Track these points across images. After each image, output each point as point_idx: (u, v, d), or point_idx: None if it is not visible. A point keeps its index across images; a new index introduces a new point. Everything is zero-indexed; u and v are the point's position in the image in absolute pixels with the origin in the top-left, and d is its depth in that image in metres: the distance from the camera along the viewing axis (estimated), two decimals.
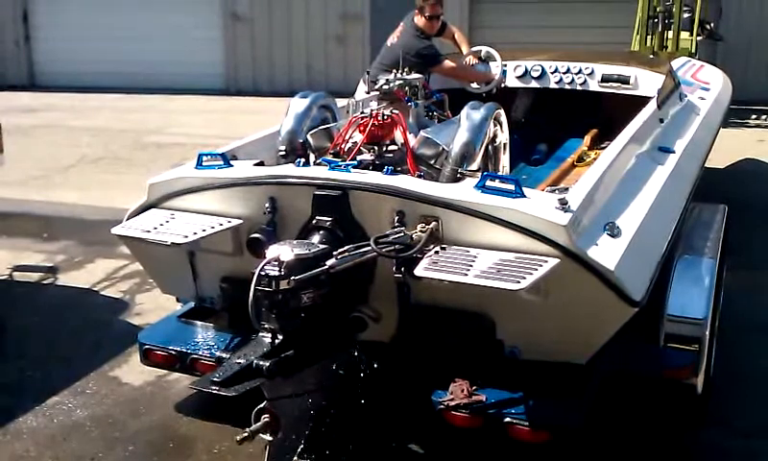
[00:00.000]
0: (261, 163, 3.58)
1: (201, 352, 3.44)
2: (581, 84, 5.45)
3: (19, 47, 17.78)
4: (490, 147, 3.70)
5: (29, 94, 16.00)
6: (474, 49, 5.51)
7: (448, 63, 5.54)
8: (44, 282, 5.63)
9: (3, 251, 5.98)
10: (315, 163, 3.49)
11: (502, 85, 5.45)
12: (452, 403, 2.97)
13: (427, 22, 5.57)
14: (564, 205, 2.81)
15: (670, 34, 10.07)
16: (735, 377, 4.02)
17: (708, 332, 3.38)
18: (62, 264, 5.96)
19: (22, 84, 17.27)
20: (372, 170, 3.29)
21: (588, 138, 5.30)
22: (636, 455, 3.46)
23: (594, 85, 5.43)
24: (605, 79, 5.39)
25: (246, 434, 2.69)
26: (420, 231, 2.88)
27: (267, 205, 3.17)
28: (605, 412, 3.28)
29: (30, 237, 6.59)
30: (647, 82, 5.16)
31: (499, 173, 3.68)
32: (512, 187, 2.90)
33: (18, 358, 4.44)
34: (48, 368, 4.28)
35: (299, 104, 4.01)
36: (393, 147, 3.57)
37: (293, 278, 2.72)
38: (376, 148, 3.53)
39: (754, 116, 11.59)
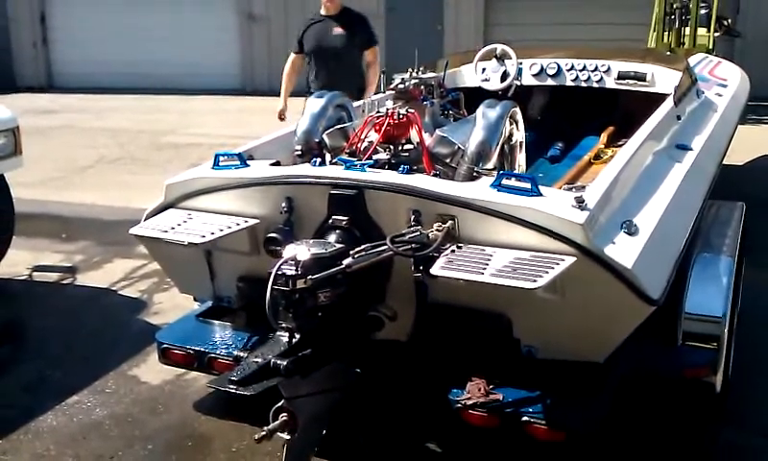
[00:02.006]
0: (277, 163, 3.59)
1: (218, 352, 3.46)
2: (597, 82, 5.43)
3: (37, 49, 17.95)
4: (506, 145, 3.69)
5: (46, 95, 16.14)
6: (489, 47, 5.49)
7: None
8: (63, 282, 5.68)
9: (22, 251, 6.03)
10: (331, 163, 3.50)
11: (517, 84, 5.43)
12: (469, 402, 2.97)
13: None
14: (580, 203, 2.80)
15: (687, 30, 10.04)
16: (755, 376, 4.00)
17: (726, 330, 3.36)
18: (81, 264, 6.00)
19: (40, 85, 17.45)
20: (388, 169, 3.30)
21: (604, 136, 5.28)
22: (654, 454, 3.44)
23: (611, 83, 5.40)
24: (621, 76, 5.36)
25: (264, 433, 2.70)
26: (437, 230, 2.88)
27: (283, 204, 3.18)
28: (623, 411, 3.27)
29: (49, 238, 6.64)
30: (664, 79, 5.13)
31: (515, 171, 3.68)
32: (528, 186, 2.89)
33: (38, 358, 4.48)
34: (67, 367, 4.32)
35: (314, 103, 4.03)
36: (408, 146, 3.58)
37: (309, 277, 2.73)
38: (392, 147, 3.53)
39: None
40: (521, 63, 5.40)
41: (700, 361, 3.28)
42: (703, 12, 10.23)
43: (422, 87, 4.27)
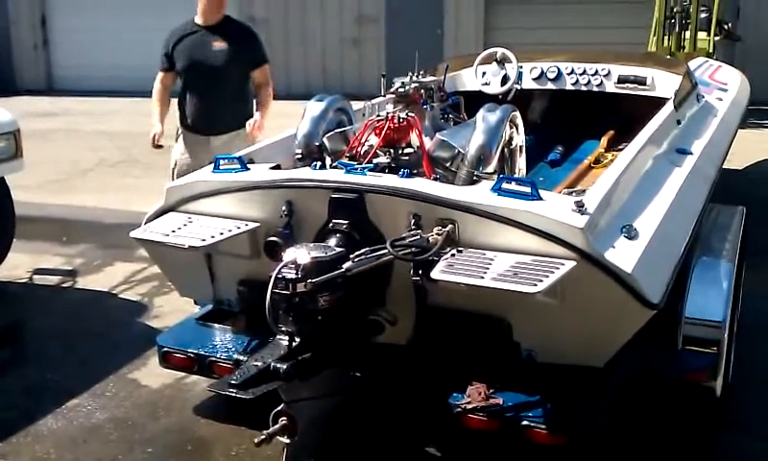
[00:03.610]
0: (278, 167, 3.60)
1: (218, 355, 3.45)
2: (597, 86, 5.43)
3: (37, 51, 17.97)
4: (506, 149, 3.70)
5: (47, 98, 16.14)
6: (490, 51, 5.50)
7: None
8: (64, 286, 5.68)
9: (23, 254, 6.03)
10: (331, 166, 3.50)
11: (518, 87, 5.44)
12: (469, 406, 2.97)
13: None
14: (580, 207, 2.80)
15: (687, 34, 10.03)
16: (755, 381, 4.00)
17: (726, 335, 3.37)
18: (81, 267, 6.01)
19: (40, 88, 17.45)
20: (388, 173, 3.30)
21: (604, 140, 5.28)
22: (654, 458, 3.44)
23: (611, 87, 5.41)
24: (621, 80, 5.37)
25: (263, 437, 2.70)
26: (437, 234, 2.88)
27: (284, 208, 3.18)
28: (623, 415, 3.27)
29: (49, 241, 6.64)
30: (664, 83, 5.13)
31: (515, 175, 3.68)
32: (528, 190, 2.90)
33: (38, 361, 4.48)
34: (67, 370, 4.32)
35: (315, 107, 4.03)
36: (409, 150, 3.58)
37: (310, 281, 2.73)
38: (392, 151, 3.54)
39: None
40: (521, 67, 5.41)
41: (700, 366, 3.29)
42: (703, 15, 10.23)
43: (423, 91, 4.27)
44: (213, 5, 5.07)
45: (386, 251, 2.84)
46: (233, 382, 2.74)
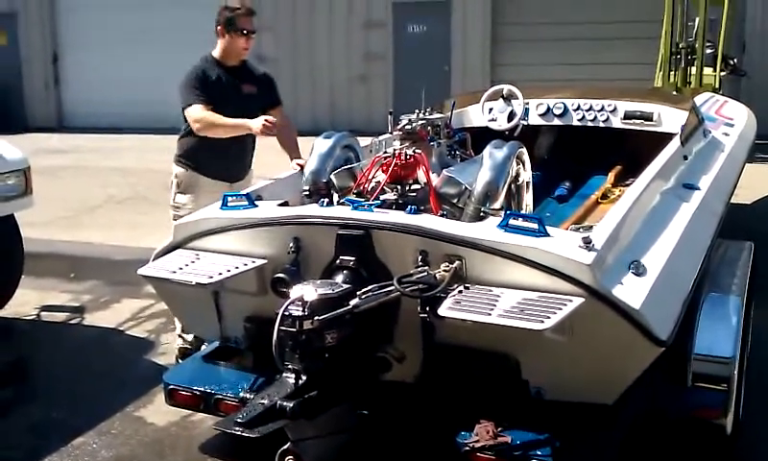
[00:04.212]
0: (285, 203, 3.61)
1: (225, 393, 3.44)
2: (604, 122, 5.44)
3: (48, 89, 18.15)
4: (512, 186, 3.70)
5: (57, 135, 16.28)
6: (496, 88, 5.52)
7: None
8: (71, 322, 5.68)
9: (31, 291, 6.05)
10: (338, 203, 3.51)
11: (524, 123, 5.46)
12: (477, 445, 2.94)
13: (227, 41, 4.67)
14: (588, 243, 2.80)
15: (693, 69, 10.06)
16: (766, 417, 3.95)
17: (736, 372, 3.33)
18: (89, 304, 6.01)
19: (51, 125, 17.59)
20: (396, 209, 3.30)
21: (612, 175, 5.28)
22: None
23: (617, 122, 5.42)
24: (628, 116, 5.38)
25: None
26: (444, 271, 2.88)
27: (291, 244, 3.19)
28: (633, 453, 3.23)
29: (57, 277, 6.66)
30: (671, 118, 5.14)
31: (522, 211, 3.68)
32: (535, 226, 2.89)
33: (44, 398, 4.47)
34: (73, 408, 4.30)
35: (322, 144, 4.05)
36: (416, 186, 3.59)
37: (317, 318, 2.73)
38: (399, 187, 3.55)
39: None
40: (528, 103, 5.43)
41: (710, 403, 3.25)
42: (709, 51, 10.27)
43: (429, 128, 4.28)
44: (239, 48, 4.73)
45: (393, 287, 2.84)
46: (239, 420, 2.73)
